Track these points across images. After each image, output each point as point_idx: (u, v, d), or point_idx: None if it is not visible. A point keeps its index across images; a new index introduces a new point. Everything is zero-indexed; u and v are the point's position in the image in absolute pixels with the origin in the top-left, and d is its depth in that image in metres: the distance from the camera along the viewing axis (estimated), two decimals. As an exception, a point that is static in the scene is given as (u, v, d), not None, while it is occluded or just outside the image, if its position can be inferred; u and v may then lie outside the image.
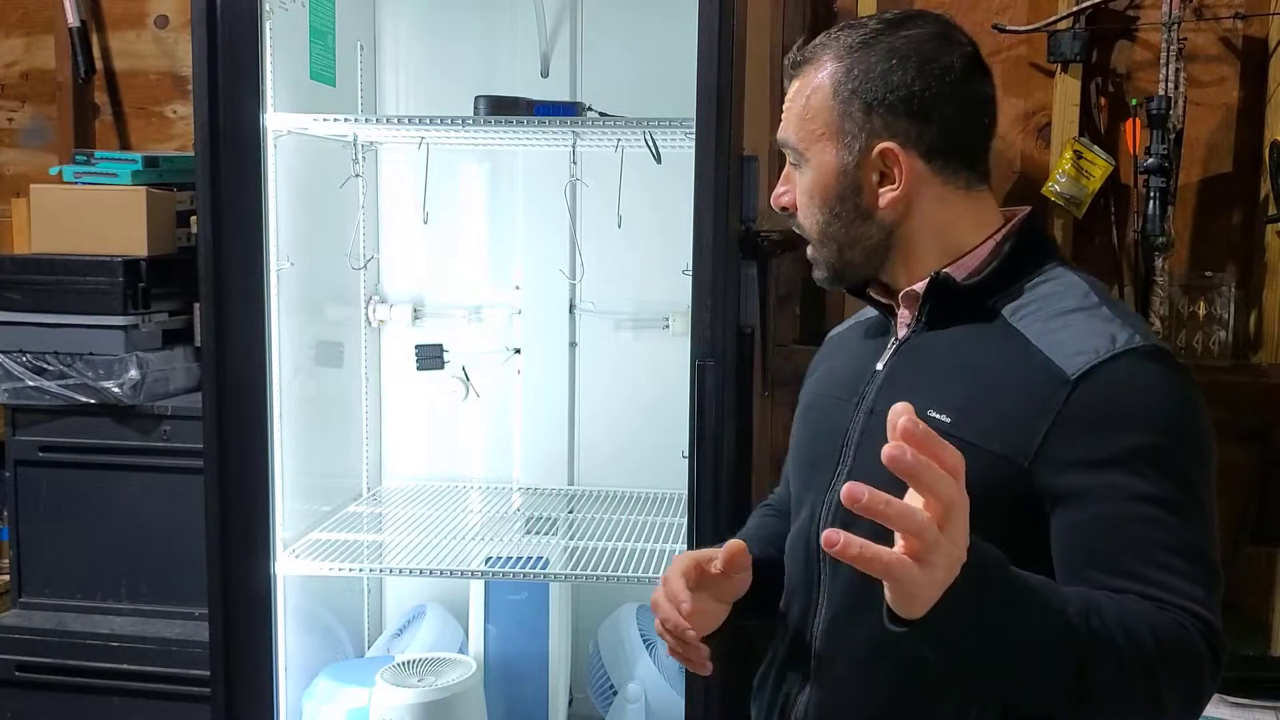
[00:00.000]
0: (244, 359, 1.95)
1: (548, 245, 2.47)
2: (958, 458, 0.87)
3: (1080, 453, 1.03)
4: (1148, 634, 0.96)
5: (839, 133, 1.15)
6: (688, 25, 1.80)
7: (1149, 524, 1.01)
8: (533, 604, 2.27)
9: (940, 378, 1.13)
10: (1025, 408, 1.05)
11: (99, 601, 2.46)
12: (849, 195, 1.16)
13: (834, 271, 1.21)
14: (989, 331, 1.12)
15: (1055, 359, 1.06)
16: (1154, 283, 2.41)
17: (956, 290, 1.14)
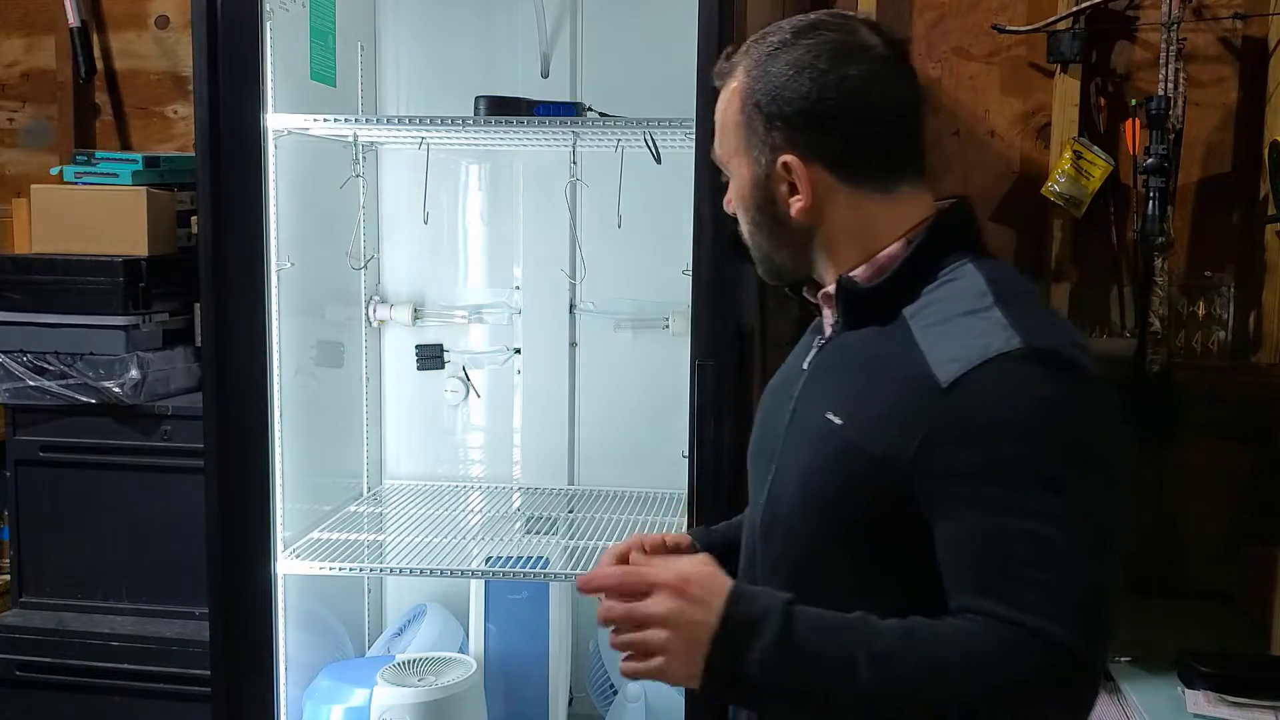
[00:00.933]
0: (244, 359, 1.95)
1: (548, 245, 2.47)
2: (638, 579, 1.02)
3: (950, 463, 1.01)
4: (958, 666, 0.96)
5: (748, 146, 1.16)
6: (688, 25, 1.80)
7: (1011, 539, 0.98)
8: (533, 604, 2.28)
9: (841, 379, 1.14)
10: (903, 413, 1.04)
11: (99, 601, 2.46)
12: (765, 206, 1.17)
13: (768, 272, 1.24)
14: (889, 333, 1.11)
15: (933, 365, 1.04)
16: (1153, 283, 2.41)
17: (859, 294, 1.14)
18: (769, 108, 1.13)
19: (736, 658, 0.98)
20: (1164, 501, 2.56)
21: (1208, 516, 2.55)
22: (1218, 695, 2.00)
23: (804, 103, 1.12)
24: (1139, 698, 2.05)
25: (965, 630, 0.98)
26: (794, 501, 1.13)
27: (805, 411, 1.17)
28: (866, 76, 1.12)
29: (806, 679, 0.98)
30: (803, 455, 1.14)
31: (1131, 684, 2.11)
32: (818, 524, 1.11)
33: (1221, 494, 2.54)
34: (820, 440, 1.11)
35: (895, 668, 0.96)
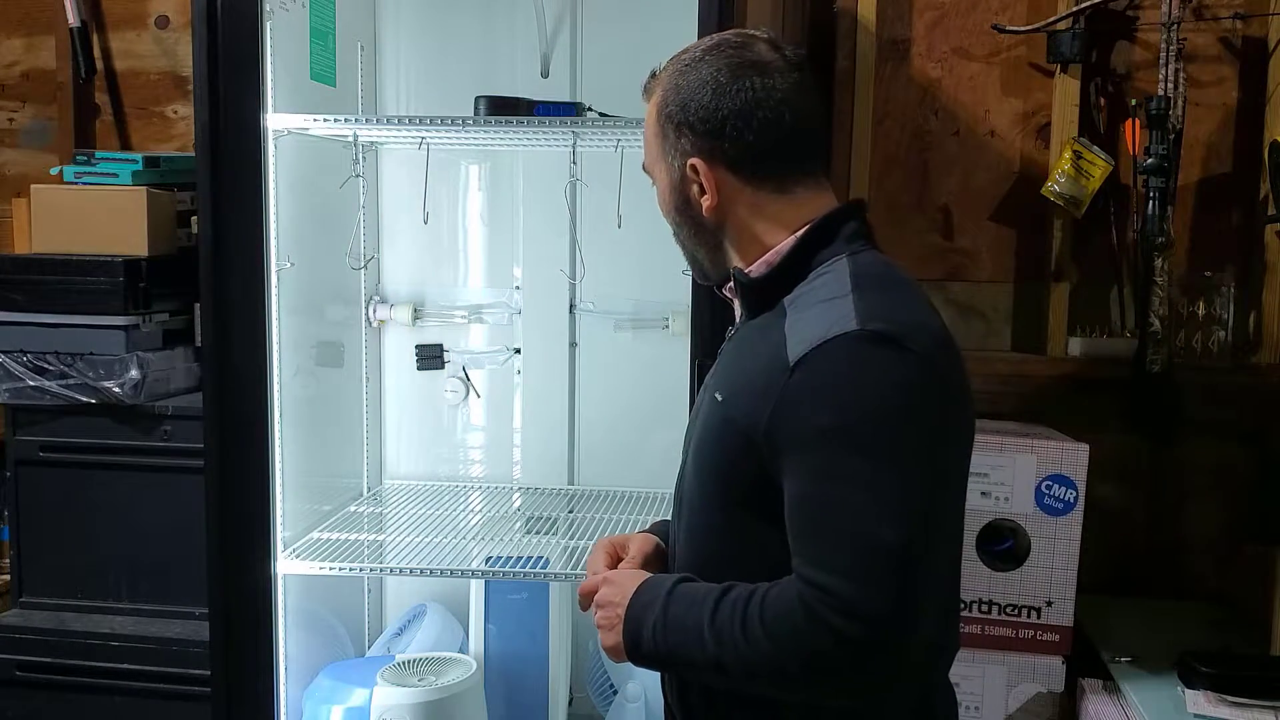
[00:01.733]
0: (244, 359, 1.95)
1: (548, 245, 2.47)
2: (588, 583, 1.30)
3: (787, 434, 1.12)
4: (756, 621, 1.10)
5: (664, 153, 1.31)
6: (688, 25, 1.80)
7: (823, 503, 1.09)
8: (533, 604, 2.28)
9: (729, 362, 1.29)
10: (763, 388, 1.15)
11: (99, 601, 2.46)
12: (683, 207, 1.31)
13: (695, 270, 1.37)
14: (769, 321, 1.22)
15: (788, 345, 1.15)
16: (1153, 283, 2.41)
17: (748, 285, 1.26)
18: (678, 117, 1.28)
19: (639, 633, 1.19)
20: (1164, 501, 2.57)
21: (1208, 516, 2.55)
22: (1218, 695, 2.00)
23: (706, 111, 1.25)
24: (1139, 698, 2.05)
25: (777, 597, 1.11)
26: (690, 473, 1.28)
27: (703, 396, 1.30)
28: (760, 88, 1.24)
29: (677, 649, 1.16)
30: (697, 433, 1.28)
31: (1131, 684, 2.11)
32: (708, 492, 1.25)
33: (1221, 494, 2.54)
34: (707, 417, 1.25)
35: (724, 638, 1.11)
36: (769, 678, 1.11)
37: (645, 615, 1.19)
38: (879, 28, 2.58)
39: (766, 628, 1.09)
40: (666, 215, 1.34)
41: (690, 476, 1.28)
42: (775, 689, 1.13)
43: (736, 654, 1.11)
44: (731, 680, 1.14)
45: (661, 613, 1.17)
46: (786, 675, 1.09)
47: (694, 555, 1.27)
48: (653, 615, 1.18)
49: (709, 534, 1.25)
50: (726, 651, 1.11)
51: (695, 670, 1.17)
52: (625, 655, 1.21)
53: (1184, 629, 2.33)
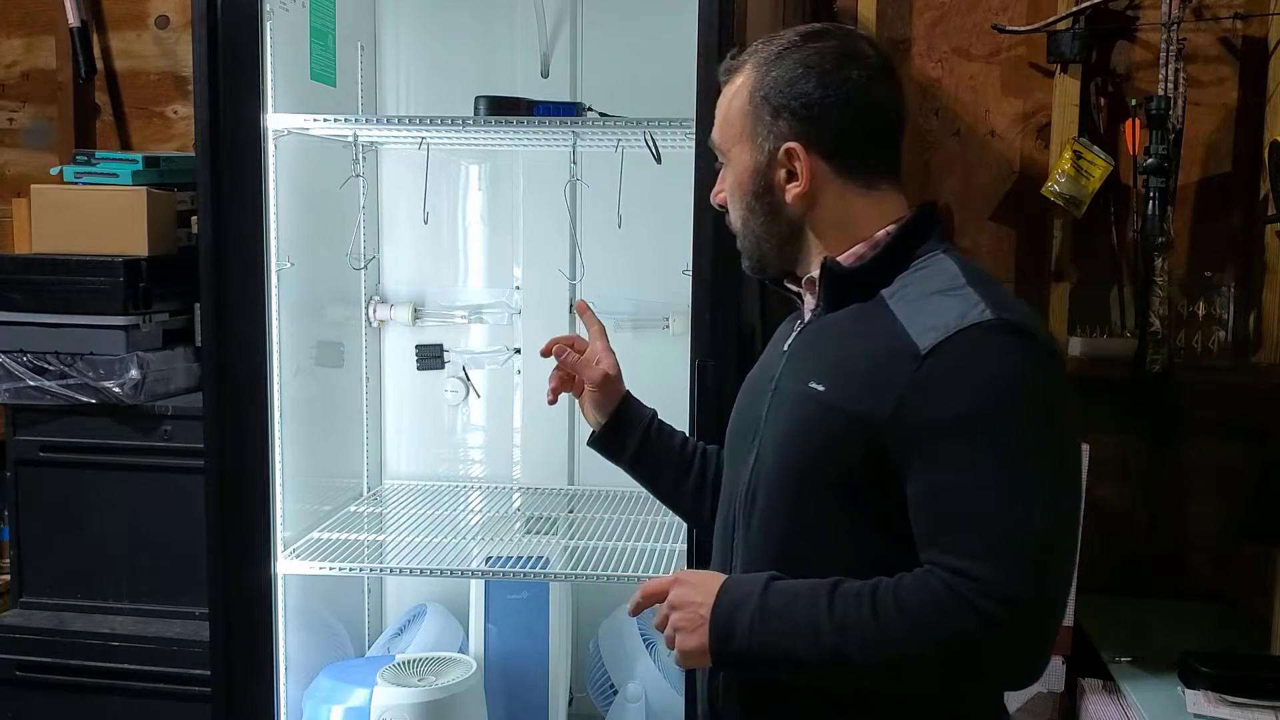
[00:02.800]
0: (244, 359, 1.95)
1: (548, 245, 2.47)
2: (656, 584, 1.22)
3: (920, 421, 1.11)
4: (891, 608, 1.08)
5: (752, 135, 1.27)
6: (688, 25, 1.81)
7: (963, 491, 1.08)
8: (533, 604, 2.27)
9: (822, 353, 1.25)
10: (883, 377, 1.14)
11: (99, 601, 2.46)
12: (762, 192, 1.28)
13: (753, 262, 1.33)
14: (867, 311, 1.22)
15: (912, 334, 1.14)
16: (1154, 283, 2.41)
17: (843, 275, 1.25)
18: (777, 100, 1.24)
19: (730, 632, 1.14)
20: (1164, 501, 2.57)
21: (1208, 516, 2.55)
22: (1218, 695, 2.00)
23: (808, 97, 1.23)
24: (1139, 698, 2.05)
25: (912, 585, 1.08)
26: (780, 465, 1.23)
27: (786, 387, 1.27)
28: (863, 81, 1.25)
29: (782, 643, 1.11)
30: (785, 426, 1.24)
31: (1131, 684, 2.11)
32: (803, 482, 1.21)
33: (1221, 494, 2.54)
34: (802, 407, 1.21)
35: (849, 629, 1.08)
36: (903, 667, 1.08)
37: (738, 613, 1.14)
38: (879, 28, 2.58)
39: (904, 614, 1.07)
40: (739, 199, 1.30)
41: (774, 469, 1.24)
42: (907, 679, 1.10)
43: (864, 645, 1.08)
44: (851, 674, 1.10)
45: (759, 609, 1.13)
46: (924, 662, 1.07)
47: (773, 549, 1.23)
48: (748, 612, 1.13)
49: (794, 527, 1.21)
50: (851, 643, 1.08)
51: (802, 668, 1.12)
52: (709, 657, 1.16)
53: (1184, 629, 2.33)
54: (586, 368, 1.57)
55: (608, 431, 1.58)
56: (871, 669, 1.09)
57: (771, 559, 1.21)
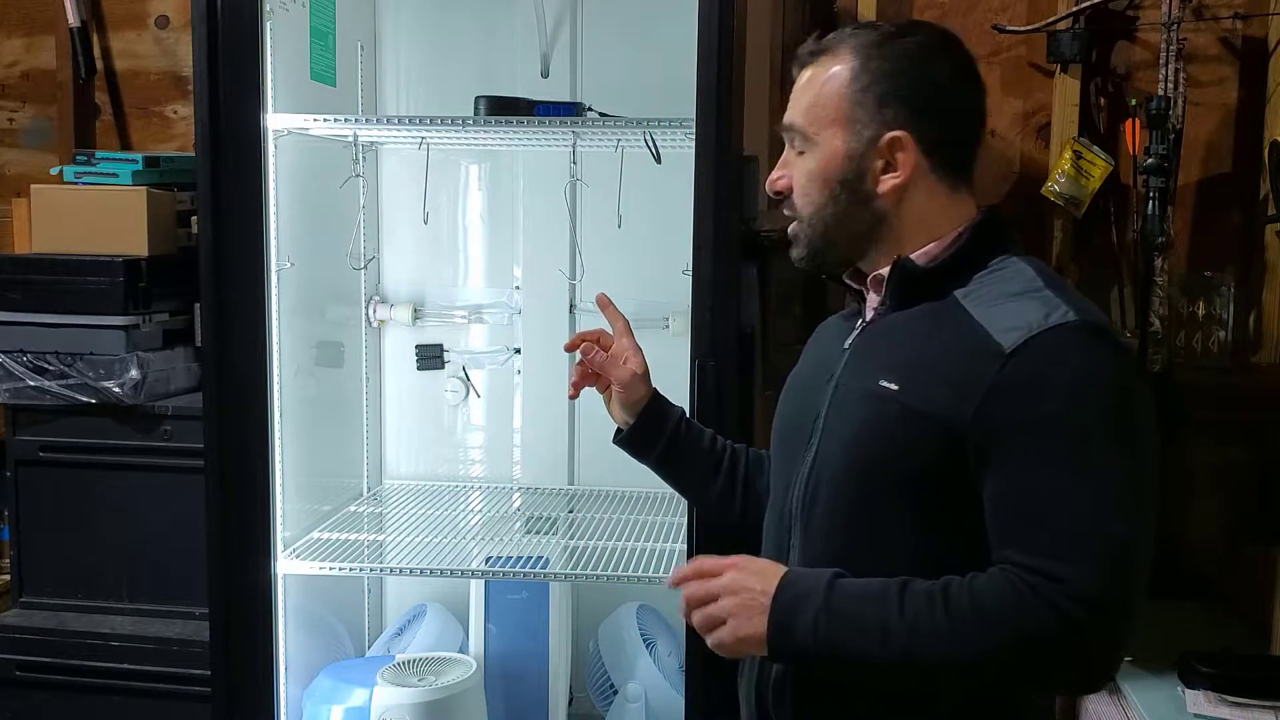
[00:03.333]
0: (244, 359, 1.95)
1: (548, 245, 2.47)
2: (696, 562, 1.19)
3: (1003, 419, 1.10)
4: (966, 607, 1.06)
5: (850, 120, 1.23)
6: (688, 25, 1.80)
7: (1043, 491, 1.07)
8: (533, 604, 2.27)
9: (892, 351, 1.22)
10: (963, 377, 1.13)
11: (99, 601, 2.46)
12: (851, 179, 1.24)
13: (814, 251, 1.29)
14: (940, 311, 1.21)
15: (994, 334, 1.13)
16: (1153, 283, 2.41)
17: (918, 274, 1.23)
18: (884, 87, 1.22)
19: (793, 624, 1.11)
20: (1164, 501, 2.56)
21: (1208, 516, 2.55)
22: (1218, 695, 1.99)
23: (918, 88, 1.23)
24: (1139, 698, 2.05)
25: (987, 584, 1.07)
26: (847, 462, 1.21)
27: (851, 385, 1.25)
28: (966, 80, 1.27)
29: (849, 642, 1.09)
30: (852, 423, 1.22)
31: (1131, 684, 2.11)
32: (872, 480, 1.18)
33: (1221, 494, 2.54)
34: (872, 405, 1.19)
35: (921, 628, 1.06)
36: (977, 668, 1.06)
37: (802, 605, 1.11)
38: (879, 28, 2.58)
39: (980, 614, 1.05)
40: (820, 185, 1.26)
41: (840, 466, 1.21)
42: (979, 680, 1.09)
43: (938, 644, 1.06)
44: (919, 675, 1.08)
45: (824, 604, 1.10)
46: (999, 663, 1.06)
47: (835, 546, 1.21)
48: (813, 606, 1.11)
49: (858, 524, 1.20)
50: (923, 642, 1.06)
51: (868, 667, 1.10)
52: (764, 646, 1.13)
53: (1184, 629, 2.32)
54: (614, 366, 1.55)
55: (636, 431, 1.55)
56: (943, 670, 1.07)
57: (833, 556, 1.19)
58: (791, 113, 1.28)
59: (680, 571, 1.21)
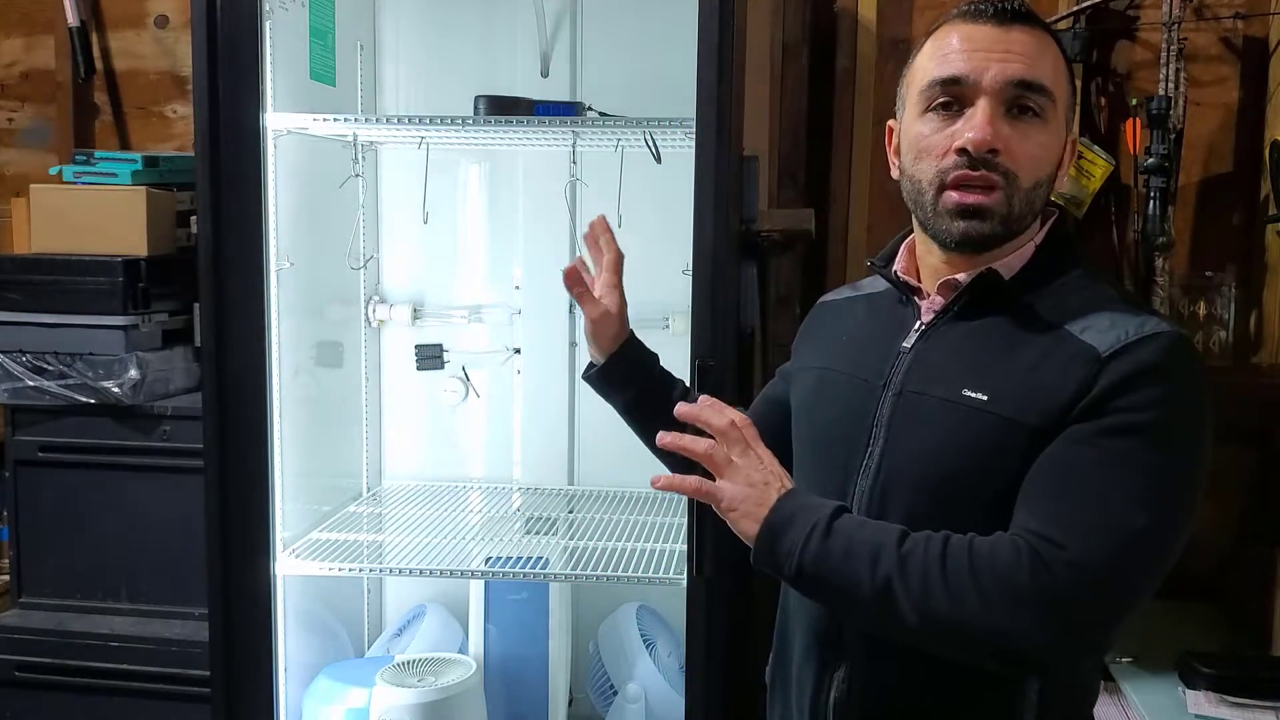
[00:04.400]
0: (244, 359, 1.95)
1: (548, 245, 2.47)
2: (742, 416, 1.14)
3: (1080, 411, 1.09)
4: (964, 553, 1.06)
5: (1070, 105, 1.22)
6: (688, 25, 1.80)
7: (1078, 467, 1.07)
8: (533, 604, 2.27)
9: (973, 361, 1.18)
10: (1059, 384, 1.11)
11: (99, 601, 2.46)
12: (1056, 165, 1.21)
13: (1003, 233, 1.20)
14: (1020, 322, 1.18)
15: (1088, 340, 1.12)
16: (1154, 282, 2.41)
17: (1000, 287, 1.20)
18: (1071, 81, 1.22)
19: (788, 523, 1.10)
20: (1164, 501, 2.56)
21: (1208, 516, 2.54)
22: (1218, 695, 2.00)
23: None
24: (1139, 698, 2.05)
25: (991, 540, 1.07)
26: (924, 476, 1.17)
27: (922, 393, 1.20)
28: None
29: (840, 562, 1.08)
30: (932, 434, 1.17)
31: (1132, 684, 2.11)
32: (956, 494, 1.15)
33: (1221, 494, 2.54)
34: (957, 417, 1.15)
35: (911, 560, 1.06)
36: (945, 607, 1.04)
37: (803, 516, 1.11)
38: (880, 28, 2.58)
39: (973, 559, 1.05)
40: (1048, 162, 1.20)
41: (918, 477, 1.17)
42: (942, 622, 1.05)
43: (922, 577, 1.05)
44: (892, 608, 1.06)
45: (830, 521, 1.10)
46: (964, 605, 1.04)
47: None
48: (816, 517, 1.10)
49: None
50: (907, 573, 1.05)
51: (846, 589, 1.08)
52: (749, 529, 1.13)
53: (1184, 629, 2.32)
54: (588, 301, 1.55)
55: (606, 370, 1.56)
56: (917, 605, 1.05)
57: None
58: (1035, 70, 1.16)
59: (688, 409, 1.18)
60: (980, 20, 1.17)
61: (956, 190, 1.17)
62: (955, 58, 1.16)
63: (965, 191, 1.16)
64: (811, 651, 1.27)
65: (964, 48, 1.16)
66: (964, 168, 1.16)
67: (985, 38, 1.16)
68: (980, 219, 1.17)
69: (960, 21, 1.18)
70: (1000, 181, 1.16)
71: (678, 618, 2.03)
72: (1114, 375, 1.09)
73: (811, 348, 1.42)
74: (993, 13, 1.16)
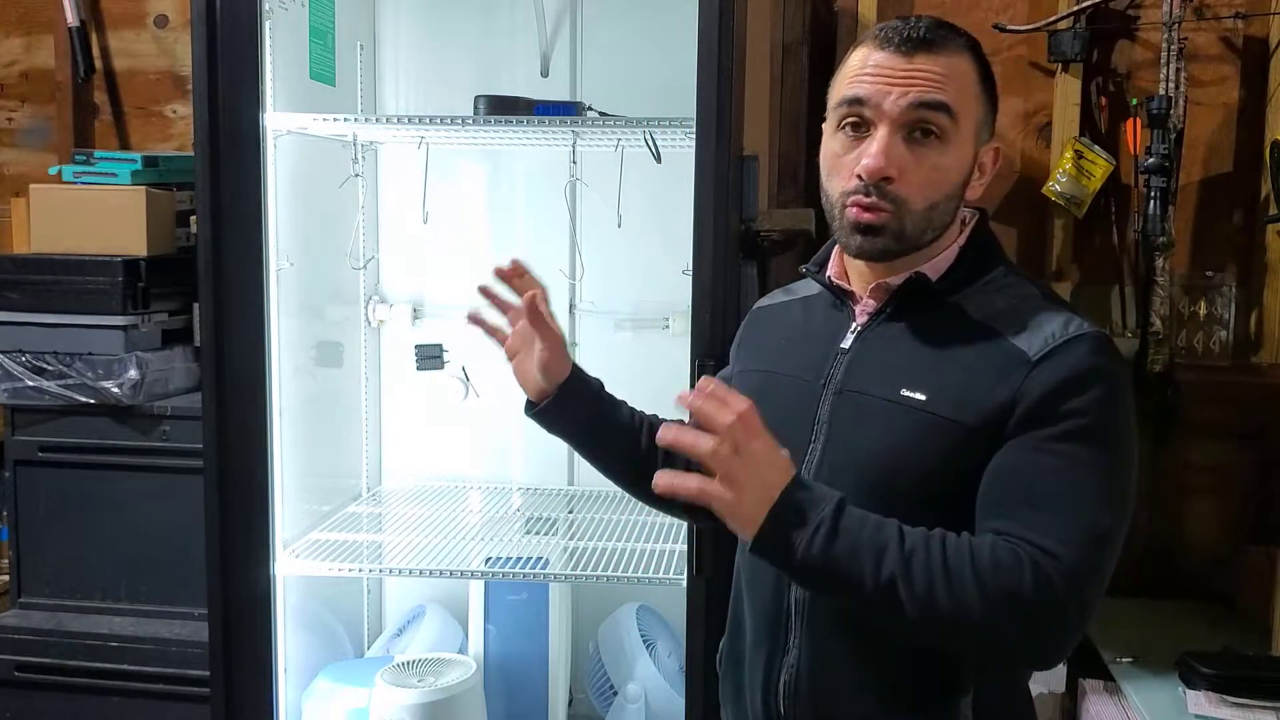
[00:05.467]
0: (244, 359, 1.94)
1: (548, 245, 2.47)
2: (745, 403, 1.09)
3: (1023, 417, 1.16)
4: (967, 567, 1.09)
5: (977, 122, 1.25)
6: (688, 25, 1.80)
7: (1044, 475, 1.14)
8: (533, 604, 2.27)
9: (909, 361, 1.24)
10: (992, 385, 1.18)
11: (99, 601, 2.46)
12: (962, 181, 1.26)
13: (898, 249, 1.25)
14: (952, 322, 1.24)
15: (1018, 343, 1.19)
16: (1154, 282, 2.41)
17: (929, 289, 1.26)
18: (990, 92, 1.26)
19: (794, 518, 1.10)
20: (1164, 501, 2.56)
21: (1208, 516, 2.55)
22: (1218, 695, 2.00)
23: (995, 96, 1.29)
24: (1139, 698, 2.05)
25: (979, 542, 1.12)
26: (864, 474, 1.22)
27: (861, 393, 1.25)
28: None
29: (845, 559, 1.10)
30: (872, 433, 1.23)
31: (1132, 684, 2.11)
32: (896, 491, 1.19)
33: (1221, 494, 2.54)
34: (896, 416, 1.21)
35: (916, 560, 1.09)
36: (953, 609, 1.08)
37: (809, 512, 1.10)
38: (879, 27, 2.58)
39: (976, 561, 1.09)
40: (947, 183, 1.24)
41: (860, 476, 1.21)
42: (950, 623, 1.09)
43: (927, 577, 1.08)
44: (898, 606, 1.09)
45: (835, 514, 1.10)
46: (974, 609, 1.08)
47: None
48: (822, 511, 1.10)
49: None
50: (914, 572, 1.08)
51: (850, 585, 1.10)
52: (747, 529, 1.10)
53: (1184, 629, 2.32)
54: (545, 326, 1.55)
55: (561, 399, 1.55)
56: (925, 605, 1.09)
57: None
58: (941, 92, 1.21)
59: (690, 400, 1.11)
60: (886, 48, 1.23)
61: (854, 208, 1.24)
62: (862, 80, 1.23)
63: (860, 210, 1.24)
64: (763, 633, 1.31)
65: (870, 72, 1.23)
66: (860, 192, 1.23)
67: (889, 64, 1.22)
68: (874, 235, 1.24)
69: (872, 46, 1.24)
70: (889, 207, 1.22)
71: (678, 618, 2.03)
72: (1050, 379, 1.16)
73: (751, 352, 1.46)
74: (898, 41, 1.22)
